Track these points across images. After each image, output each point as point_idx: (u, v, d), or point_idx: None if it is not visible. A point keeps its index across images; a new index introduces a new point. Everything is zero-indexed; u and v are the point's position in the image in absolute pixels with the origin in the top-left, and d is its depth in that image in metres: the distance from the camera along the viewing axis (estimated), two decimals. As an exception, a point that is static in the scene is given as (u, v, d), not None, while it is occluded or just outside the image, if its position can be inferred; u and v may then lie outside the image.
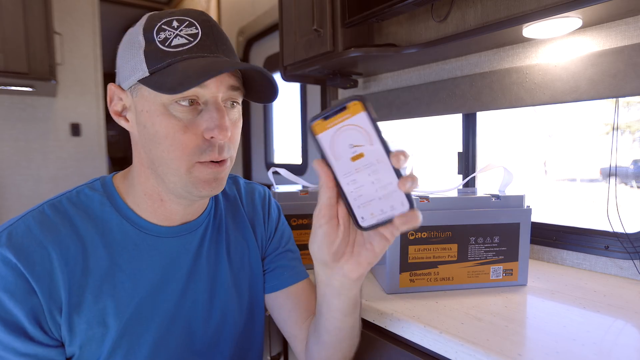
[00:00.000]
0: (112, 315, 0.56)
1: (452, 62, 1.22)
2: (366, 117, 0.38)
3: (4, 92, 2.18)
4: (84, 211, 0.58)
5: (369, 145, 0.39)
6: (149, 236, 0.61)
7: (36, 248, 0.52)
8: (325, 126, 0.40)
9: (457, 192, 0.87)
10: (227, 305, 0.68)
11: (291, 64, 1.38)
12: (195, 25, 0.53)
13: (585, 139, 1.23)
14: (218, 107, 0.53)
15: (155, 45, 0.52)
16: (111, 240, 0.58)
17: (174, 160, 0.54)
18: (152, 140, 0.54)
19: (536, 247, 1.05)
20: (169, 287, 0.62)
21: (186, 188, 0.56)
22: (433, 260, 0.79)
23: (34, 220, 0.54)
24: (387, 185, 0.39)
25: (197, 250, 0.65)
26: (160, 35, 0.52)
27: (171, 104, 0.52)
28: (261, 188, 0.80)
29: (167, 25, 0.53)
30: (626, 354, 0.55)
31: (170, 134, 0.53)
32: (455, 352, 0.59)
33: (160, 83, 0.51)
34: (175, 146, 0.53)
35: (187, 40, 0.52)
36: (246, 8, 2.41)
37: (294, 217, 0.97)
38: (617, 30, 0.87)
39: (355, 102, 0.38)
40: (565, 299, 0.75)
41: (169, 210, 0.61)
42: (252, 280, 0.72)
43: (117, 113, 0.59)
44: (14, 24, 1.81)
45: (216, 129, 0.52)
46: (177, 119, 0.53)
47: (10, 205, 2.29)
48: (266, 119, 2.46)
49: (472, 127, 1.26)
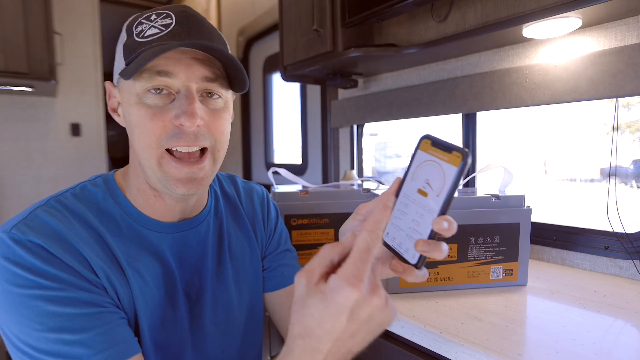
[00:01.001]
0: (125, 304, 0.56)
1: (452, 62, 1.22)
2: (455, 172, 0.38)
3: (4, 92, 2.18)
4: (89, 205, 0.58)
5: (435, 193, 0.39)
6: (150, 231, 0.60)
7: (56, 236, 0.52)
8: (428, 149, 0.41)
9: (457, 192, 0.87)
10: (229, 303, 0.68)
11: (291, 64, 1.38)
12: (171, 16, 0.54)
13: (585, 139, 1.23)
14: (188, 94, 0.53)
15: (132, 39, 0.54)
16: (118, 233, 0.58)
17: (145, 150, 0.54)
18: (130, 131, 0.56)
19: (536, 247, 1.05)
20: (175, 282, 0.61)
21: (162, 183, 0.56)
22: (433, 260, 0.79)
23: (45, 212, 0.54)
24: (418, 232, 0.40)
25: (201, 247, 0.65)
26: (137, 29, 0.54)
27: (144, 93, 0.53)
28: (259, 188, 0.80)
29: (145, 19, 0.55)
30: (626, 354, 0.55)
31: (140, 122, 0.54)
32: (455, 352, 0.59)
33: (127, 71, 0.52)
34: (145, 134, 0.54)
35: (159, 30, 0.53)
36: (246, 8, 2.41)
37: (294, 217, 0.97)
38: (617, 30, 0.87)
39: (458, 153, 0.38)
40: (565, 299, 0.75)
41: (165, 205, 0.61)
42: (252, 279, 0.73)
43: (113, 110, 0.61)
44: (14, 24, 1.81)
45: (183, 115, 0.52)
46: (148, 106, 0.53)
47: (10, 205, 2.29)
48: (266, 119, 2.46)
49: (472, 127, 1.26)
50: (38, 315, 0.47)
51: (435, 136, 0.41)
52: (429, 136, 0.41)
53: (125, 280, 0.56)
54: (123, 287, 0.55)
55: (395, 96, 1.38)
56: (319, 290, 0.37)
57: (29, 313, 0.47)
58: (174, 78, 0.53)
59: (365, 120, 1.53)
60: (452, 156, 0.39)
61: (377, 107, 1.46)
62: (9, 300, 0.48)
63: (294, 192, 0.98)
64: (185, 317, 0.62)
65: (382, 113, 1.45)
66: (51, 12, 1.91)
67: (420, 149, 0.42)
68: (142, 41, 0.53)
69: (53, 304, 0.48)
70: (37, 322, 0.47)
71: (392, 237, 0.42)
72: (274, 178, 1.00)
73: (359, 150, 1.73)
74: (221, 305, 0.67)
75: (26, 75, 1.85)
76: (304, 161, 2.05)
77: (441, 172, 0.39)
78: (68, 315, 0.48)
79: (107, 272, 0.54)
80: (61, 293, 0.49)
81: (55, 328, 0.47)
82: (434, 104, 1.26)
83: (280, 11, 1.42)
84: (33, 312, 0.47)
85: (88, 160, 2.56)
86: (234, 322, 0.68)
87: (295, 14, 1.34)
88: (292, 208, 0.97)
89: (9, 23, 1.80)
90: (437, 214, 0.39)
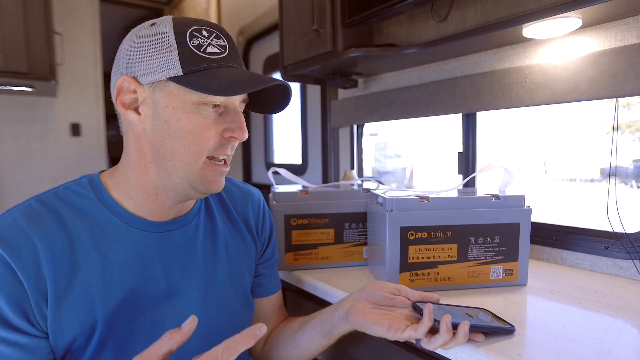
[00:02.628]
0: (101, 307, 0.57)
1: (452, 62, 1.22)
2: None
3: (4, 92, 2.18)
4: (71, 206, 0.59)
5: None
6: (136, 230, 0.62)
7: (23, 240, 0.53)
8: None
9: (457, 192, 0.87)
10: (224, 301, 0.69)
11: (291, 64, 1.38)
12: (222, 38, 0.59)
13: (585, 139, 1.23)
14: (238, 112, 0.61)
15: (190, 49, 0.56)
16: (99, 234, 0.59)
17: (191, 155, 0.58)
18: (172, 134, 0.57)
19: (536, 247, 1.05)
20: (159, 280, 0.63)
21: (193, 183, 0.60)
22: (433, 260, 0.79)
23: (21, 213, 0.56)
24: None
25: (189, 245, 0.67)
26: (193, 41, 0.56)
27: (200, 105, 0.57)
28: (255, 192, 0.82)
29: (198, 33, 0.57)
30: (626, 354, 0.55)
31: (195, 130, 0.57)
32: (455, 352, 0.59)
33: (200, 84, 0.55)
34: (198, 141, 0.58)
35: (219, 50, 0.58)
36: (246, 8, 2.41)
37: (294, 217, 0.97)
38: (617, 30, 0.87)
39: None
40: (565, 299, 0.75)
41: (160, 204, 0.63)
42: (247, 279, 0.75)
43: (124, 105, 0.58)
44: (14, 24, 1.81)
45: (237, 129, 0.59)
46: (204, 117, 0.58)
47: (10, 205, 2.28)
48: (266, 119, 2.46)
49: (472, 127, 1.25)
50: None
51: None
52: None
53: (102, 280, 0.57)
54: (95, 289, 0.57)
55: (395, 96, 1.38)
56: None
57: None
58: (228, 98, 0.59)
59: (365, 120, 1.53)
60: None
61: (377, 107, 1.46)
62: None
63: (294, 192, 0.98)
64: (159, 314, 0.62)
65: (382, 113, 1.45)
66: (51, 12, 1.91)
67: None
68: (206, 57, 0.56)
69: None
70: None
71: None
72: (274, 178, 1.00)
73: (359, 150, 1.73)
74: (213, 302, 0.68)
75: (26, 75, 1.85)
76: (304, 161, 2.05)
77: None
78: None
79: (60, 279, 0.55)
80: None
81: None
82: (434, 104, 1.26)
83: (280, 11, 1.42)
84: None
85: (88, 160, 2.56)
86: (227, 320, 0.69)
87: (295, 14, 1.34)
88: (292, 208, 0.97)
89: (9, 23, 1.80)
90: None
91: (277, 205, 0.96)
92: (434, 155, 2.05)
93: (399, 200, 0.78)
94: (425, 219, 0.78)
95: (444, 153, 1.54)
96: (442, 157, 1.84)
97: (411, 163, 2.32)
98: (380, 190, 0.91)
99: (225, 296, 0.70)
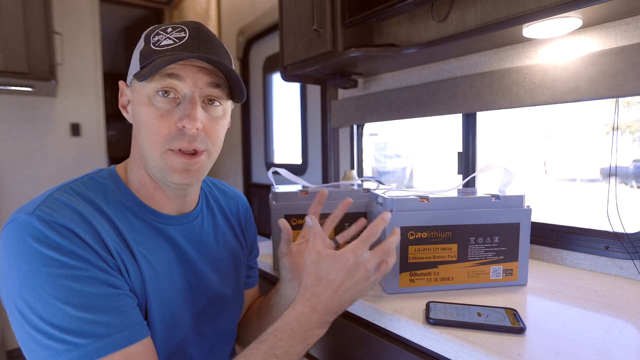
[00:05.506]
0: (136, 287, 0.59)
1: (452, 62, 1.22)
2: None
3: (4, 92, 2.18)
4: (99, 193, 0.62)
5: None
6: (153, 221, 0.65)
7: (78, 217, 0.55)
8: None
9: (457, 192, 0.87)
10: (228, 292, 0.75)
11: (291, 64, 1.38)
12: (185, 30, 0.61)
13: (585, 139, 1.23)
14: (191, 100, 0.60)
15: (149, 46, 0.61)
16: (126, 220, 0.62)
17: (149, 145, 0.60)
18: (138, 127, 0.62)
19: (536, 247, 1.05)
20: (179, 270, 0.67)
21: (161, 173, 0.62)
22: (433, 260, 0.79)
23: (62, 196, 0.57)
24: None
25: (198, 240, 0.71)
26: (154, 38, 0.61)
27: (153, 95, 0.59)
28: (242, 194, 0.90)
29: (162, 31, 0.61)
30: (626, 354, 0.55)
31: (148, 121, 0.60)
32: (455, 352, 0.59)
33: (141, 74, 0.58)
34: (151, 132, 0.60)
35: (173, 42, 0.60)
36: (246, 8, 2.41)
37: (294, 217, 0.97)
38: (617, 30, 0.87)
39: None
40: (565, 299, 0.75)
41: (164, 195, 0.66)
42: (242, 273, 0.82)
43: (122, 106, 0.67)
44: (14, 24, 1.81)
45: (186, 118, 0.58)
46: (156, 108, 0.60)
47: (10, 205, 2.29)
48: (266, 119, 2.46)
49: (472, 127, 1.25)
50: (64, 294, 0.50)
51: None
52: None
53: (136, 264, 0.59)
54: (134, 271, 0.59)
55: (395, 96, 1.38)
56: (331, 255, 0.61)
57: (55, 292, 0.50)
58: (182, 81, 0.59)
59: (365, 120, 1.53)
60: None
61: (377, 107, 1.46)
62: (36, 280, 0.50)
63: (294, 192, 0.98)
64: (188, 303, 0.67)
65: (382, 113, 1.45)
66: (51, 12, 1.91)
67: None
68: (157, 49, 0.59)
69: (79, 283, 0.51)
70: (62, 301, 0.49)
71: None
72: (274, 178, 1.00)
73: (359, 150, 1.73)
74: (219, 295, 0.73)
75: (26, 75, 1.85)
76: (304, 161, 2.05)
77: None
78: (91, 295, 0.51)
79: (121, 255, 0.58)
80: (85, 273, 0.52)
81: (79, 307, 0.50)
82: (434, 104, 1.26)
83: (280, 11, 1.42)
84: (59, 291, 0.50)
85: (88, 160, 2.56)
86: (230, 310, 0.76)
87: (295, 14, 1.34)
88: (292, 208, 0.96)
89: (9, 23, 1.80)
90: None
91: (277, 205, 0.96)
92: (434, 155, 2.05)
93: (399, 200, 0.78)
94: (425, 219, 0.78)
95: (444, 153, 1.54)
96: (442, 157, 1.83)
97: (411, 163, 2.32)
98: (381, 190, 0.91)
99: (230, 287, 0.76)
